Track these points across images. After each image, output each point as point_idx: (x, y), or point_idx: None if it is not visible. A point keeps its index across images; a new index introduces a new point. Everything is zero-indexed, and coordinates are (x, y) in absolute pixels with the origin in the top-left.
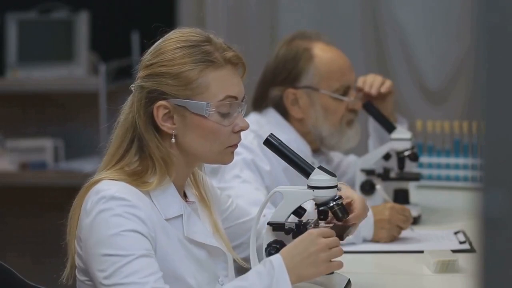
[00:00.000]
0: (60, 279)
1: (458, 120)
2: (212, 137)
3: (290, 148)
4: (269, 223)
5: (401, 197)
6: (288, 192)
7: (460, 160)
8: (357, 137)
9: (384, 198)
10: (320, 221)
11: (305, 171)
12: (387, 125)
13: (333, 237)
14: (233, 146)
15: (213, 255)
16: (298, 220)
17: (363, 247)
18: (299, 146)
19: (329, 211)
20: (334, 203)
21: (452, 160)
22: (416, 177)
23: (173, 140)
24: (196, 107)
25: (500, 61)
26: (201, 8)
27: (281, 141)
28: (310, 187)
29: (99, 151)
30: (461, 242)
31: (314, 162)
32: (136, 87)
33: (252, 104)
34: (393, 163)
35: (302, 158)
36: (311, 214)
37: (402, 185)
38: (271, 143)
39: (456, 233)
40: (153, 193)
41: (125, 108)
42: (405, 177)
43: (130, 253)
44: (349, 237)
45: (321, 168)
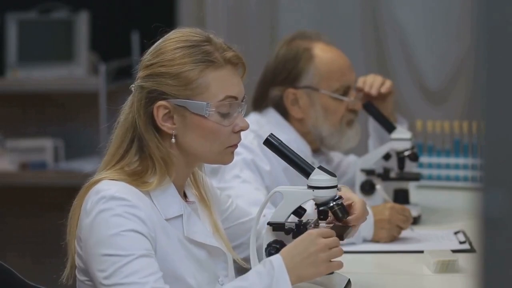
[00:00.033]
0: (60, 279)
1: (458, 120)
2: (212, 137)
3: (290, 148)
4: (269, 223)
5: (401, 197)
6: (288, 192)
7: (460, 160)
8: (357, 137)
9: (384, 198)
10: (320, 221)
11: (305, 171)
12: (387, 125)
13: (333, 237)
14: (233, 146)
15: (213, 255)
16: (298, 220)
17: (363, 247)
18: (299, 146)
19: (329, 211)
20: (334, 203)
21: (452, 160)
22: (416, 177)
23: (173, 140)
24: (196, 107)
25: (500, 61)
26: (201, 8)
27: (281, 141)
28: (310, 187)
29: (99, 151)
30: (461, 242)
31: (314, 162)
32: (136, 87)
33: (252, 104)
34: (393, 163)
35: (302, 158)
36: (311, 215)
37: (402, 185)
38: (271, 143)
39: (456, 233)
40: (153, 193)
41: (125, 108)
42: (405, 177)
43: (130, 253)
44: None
45: (321, 168)
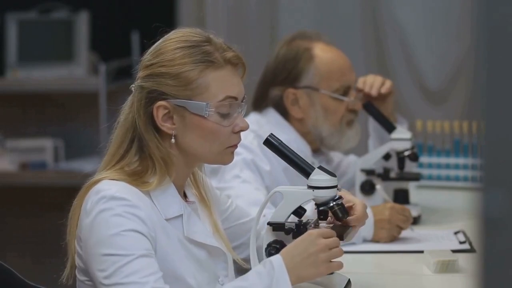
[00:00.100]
0: (60, 279)
1: (458, 120)
2: (211, 138)
3: (290, 148)
4: (269, 223)
5: (401, 197)
6: (288, 192)
7: (460, 160)
8: (357, 137)
9: (384, 198)
10: (320, 221)
11: (305, 171)
12: (387, 125)
13: (333, 238)
14: (233, 146)
15: (213, 255)
16: (298, 220)
17: (363, 247)
18: (299, 146)
19: (329, 211)
20: (334, 203)
21: (452, 160)
22: (416, 177)
23: (173, 140)
24: (196, 107)
25: (500, 61)
26: (201, 8)
27: (281, 141)
28: (310, 187)
29: (99, 151)
30: (461, 242)
31: (314, 162)
32: (136, 87)
33: (252, 104)
34: (393, 163)
35: (302, 158)
36: (310, 216)
37: (402, 185)
38: (271, 143)
39: (456, 233)
40: (153, 193)
41: (125, 108)
42: (405, 177)
43: (130, 253)
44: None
45: (321, 168)
